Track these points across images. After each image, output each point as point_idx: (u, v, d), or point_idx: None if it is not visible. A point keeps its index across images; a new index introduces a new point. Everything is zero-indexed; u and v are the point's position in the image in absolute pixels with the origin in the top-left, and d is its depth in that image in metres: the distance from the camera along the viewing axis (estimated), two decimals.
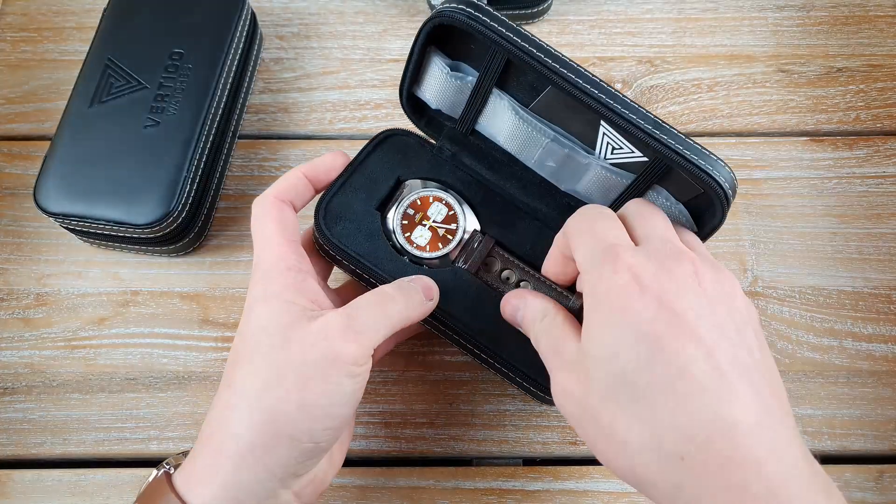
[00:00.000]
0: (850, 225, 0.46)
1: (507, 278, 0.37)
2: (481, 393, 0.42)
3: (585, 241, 0.30)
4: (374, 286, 0.36)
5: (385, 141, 0.39)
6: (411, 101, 0.40)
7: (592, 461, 0.41)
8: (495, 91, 0.37)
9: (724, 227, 0.45)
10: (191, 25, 0.45)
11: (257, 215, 0.34)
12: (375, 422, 0.42)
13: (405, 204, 0.38)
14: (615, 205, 0.37)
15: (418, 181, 0.39)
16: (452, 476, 0.40)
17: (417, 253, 0.37)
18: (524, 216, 0.39)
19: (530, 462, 0.41)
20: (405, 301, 0.33)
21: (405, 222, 0.38)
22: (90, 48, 0.45)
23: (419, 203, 0.38)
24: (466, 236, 0.38)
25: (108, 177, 0.41)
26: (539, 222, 0.39)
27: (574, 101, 0.33)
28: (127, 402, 0.42)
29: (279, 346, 0.30)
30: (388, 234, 0.38)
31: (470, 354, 0.38)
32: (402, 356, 0.43)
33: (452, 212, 0.38)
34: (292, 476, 0.30)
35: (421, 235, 0.38)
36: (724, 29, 0.52)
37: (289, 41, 0.52)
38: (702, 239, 0.34)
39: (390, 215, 0.38)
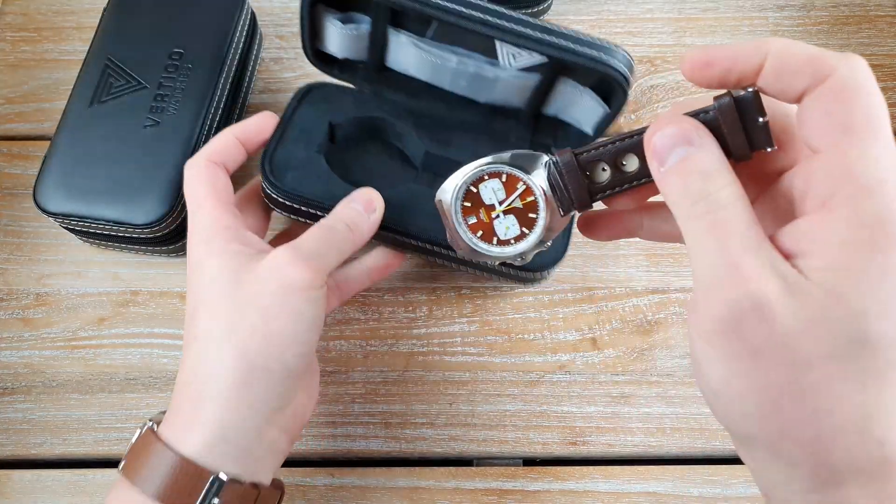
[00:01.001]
0: None
1: (624, 164, 0.27)
2: (481, 393, 0.42)
3: (869, 138, 0.21)
4: None
5: (308, 94, 0.41)
6: (318, 55, 0.41)
7: (592, 461, 0.41)
8: (391, 31, 0.38)
9: None
10: (191, 25, 0.45)
11: (190, 178, 0.35)
12: (375, 422, 0.42)
13: (459, 219, 0.31)
14: (531, 102, 0.39)
15: (446, 193, 0.31)
16: (452, 476, 0.40)
17: (521, 248, 0.30)
18: (455, 129, 0.41)
19: (530, 462, 0.41)
20: (346, 223, 0.34)
21: (480, 233, 0.31)
22: (90, 48, 0.45)
23: (468, 205, 0.31)
24: (541, 181, 0.29)
25: (107, 176, 0.41)
26: (471, 132, 0.41)
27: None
28: (127, 402, 0.42)
29: (234, 288, 0.31)
30: (471, 250, 0.31)
31: (440, 258, 0.39)
32: (402, 356, 0.43)
33: (504, 175, 0.30)
34: (274, 410, 0.31)
35: (506, 227, 0.30)
36: (725, 29, 0.52)
37: (289, 41, 0.52)
38: (612, 119, 0.37)
39: (461, 233, 0.31)
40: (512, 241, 0.30)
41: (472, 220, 0.30)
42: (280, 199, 0.37)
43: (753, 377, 0.22)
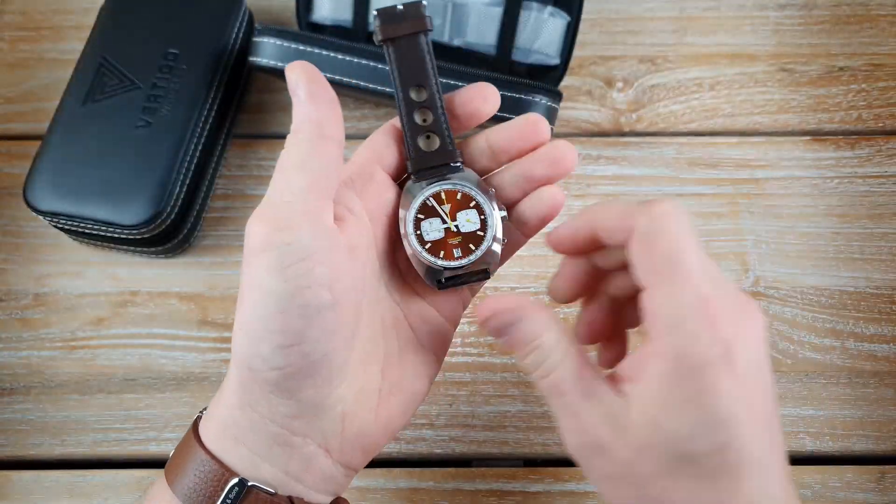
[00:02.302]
0: (852, 225, 0.46)
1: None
2: (481, 394, 0.42)
3: (673, 280, 0.25)
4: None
5: None
6: (310, 27, 0.47)
7: None
8: None
9: (726, 227, 0.46)
10: (187, 26, 0.45)
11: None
12: None
13: (432, 260, 0.30)
14: (500, 38, 0.45)
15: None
16: (452, 477, 0.40)
17: (499, 213, 0.30)
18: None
19: (531, 463, 0.41)
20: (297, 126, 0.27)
21: (460, 251, 0.30)
22: (85, 46, 0.45)
23: (431, 248, 0.30)
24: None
25: (97, 176, 0.41)
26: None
27: None
28: (125, 403, 0.42)
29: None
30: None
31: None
32: None
33: (416, 212, 0.30)
34: (285, 416, 0.26)
35: (467, 220, 0.30)
36: (726, 28, 0.52)
37: None
38: (576, 26, 0.45)
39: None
40: (489, 221, 0.30)
41: (459, 252, 0.30)
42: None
43: (617, 495, 0.26)
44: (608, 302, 0.31)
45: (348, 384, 0.27)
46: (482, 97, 0.30)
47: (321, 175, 0.26)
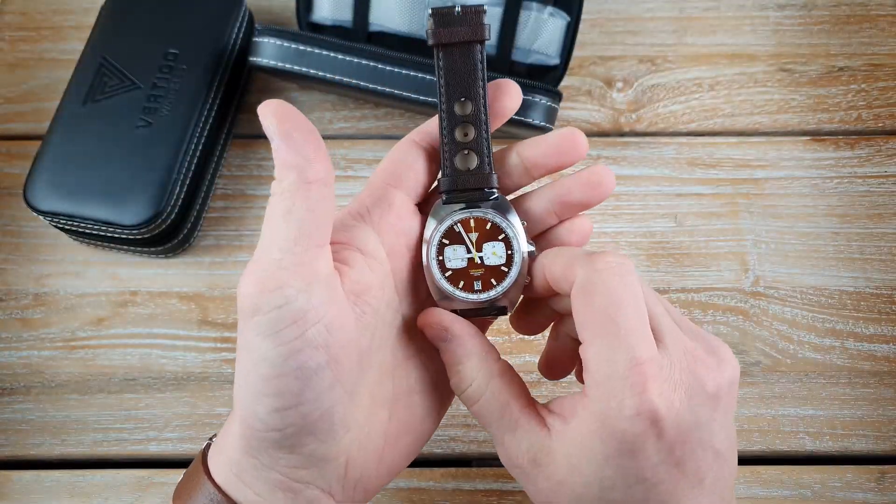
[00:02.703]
0: (851, 225, 0.46)
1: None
2: None
3: (607, 338, 0.24)
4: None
5: None
6: (311, 28, 0.47)
7: None
8: None
9: (725, 227, 0.46)
10: (187, 26, 0.45)
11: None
12: None
13: (460, 294, 0.29)
14: (500, 38, 0.45)
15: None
16: (452, 477, 0.40)
17: (525, 248, 0.29)
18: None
19: None
20: (284, 174, 0.24)
21: (492, 280, 0.29)
22: (85, 46, 0.45)
23: (451, 277, 0.29)
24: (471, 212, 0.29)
25: (97, 176, 0.41)
26: None
27: None
28: (125, 403, 0.42)
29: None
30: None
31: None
32: None
33: (441, 238, 0.29)
34: (292, 468, 0.26)
35: (493, 253, 0.29)
36: (726, 28, 0.52)
37: None
38: (576, 27, 0.45)
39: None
40: (515, 258, 0.28)
41: (479, 286, 0.29)
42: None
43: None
44: (570, 341, 0.30)
45: (353, 433, 0.27)
46: (509, 95, 0.29)
47: (309, 223, 0.24)
